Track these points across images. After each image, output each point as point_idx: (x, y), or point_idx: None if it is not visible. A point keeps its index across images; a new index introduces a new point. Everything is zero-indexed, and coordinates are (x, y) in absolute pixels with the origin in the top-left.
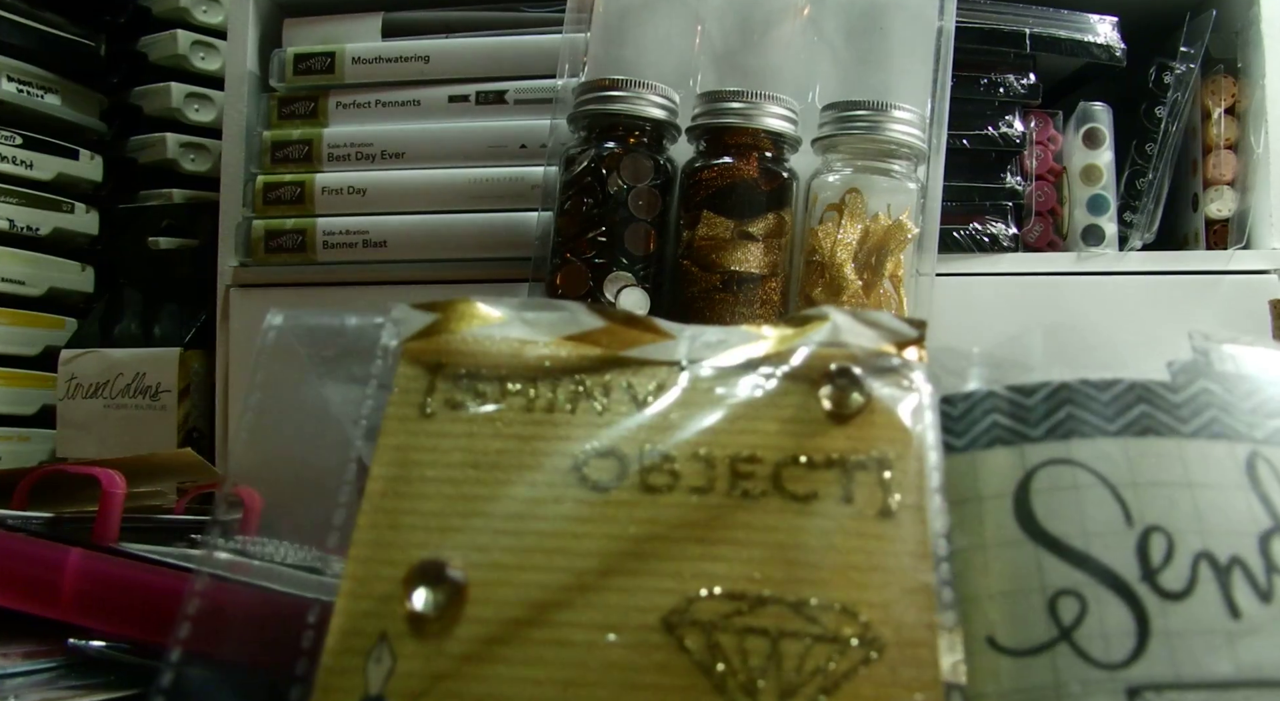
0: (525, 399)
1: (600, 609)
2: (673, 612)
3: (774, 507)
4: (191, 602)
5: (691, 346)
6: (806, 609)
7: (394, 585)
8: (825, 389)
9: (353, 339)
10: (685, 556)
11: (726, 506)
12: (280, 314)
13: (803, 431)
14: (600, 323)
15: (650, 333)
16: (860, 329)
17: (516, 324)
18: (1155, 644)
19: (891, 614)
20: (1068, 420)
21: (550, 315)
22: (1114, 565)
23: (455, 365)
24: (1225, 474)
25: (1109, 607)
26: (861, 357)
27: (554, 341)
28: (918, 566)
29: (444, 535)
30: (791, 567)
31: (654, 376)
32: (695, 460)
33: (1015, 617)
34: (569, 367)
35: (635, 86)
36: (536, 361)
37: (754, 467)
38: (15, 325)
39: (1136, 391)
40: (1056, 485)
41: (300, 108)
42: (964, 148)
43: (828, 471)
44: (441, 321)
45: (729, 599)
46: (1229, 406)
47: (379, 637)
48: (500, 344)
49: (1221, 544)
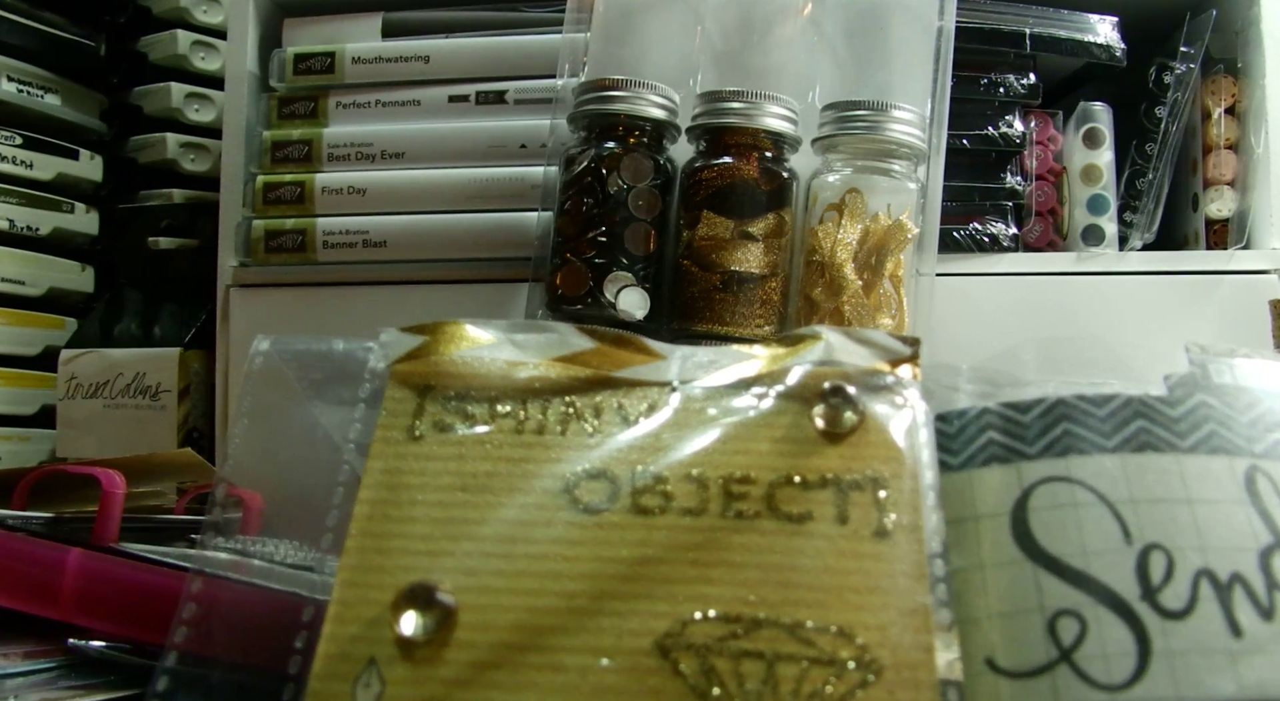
0: (515, 421)
1: (593, 633)
2: (666, 636)
3: (768, 529)
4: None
5: (683, 367)
6: (802, 631)
7: (382, 609)
8: (818, 408)
9: (340, 363)
10: (679, 579)
11: (720, 528)
12: (267, 339)
13: (796, 451)
14: (590, 344)
15: (641, 353)
16: (853, 347)
17: (505, 346)
18: (1156, 664)
19: (889, 636)
20: (1064, 437)
21: (540, 337)
22: (1113, 584)
23: (444, 387)
24: (1224, 489)
25: (1109, 628)
26: (855, 376)
27: (544, 363)
28: (914, 587)
29: (433, 558)
30: (787, 589)
31: (645, 397)
32: (688, 481)
33: (1014, 638)
34: (559, 389)
35: (635, 86)
36: (526, 383)
37: (747, 488)
38: (15, 325)
39: (1133, 406)
40: (1054, 503)
41: (300, 108)
42: (964, 148)
43: (822, 491)
44: (430, 344)
45: (724, 622)
46: (1227, 420)
47: (367, 662)
48: (489, 365)
49: (1222, 561)
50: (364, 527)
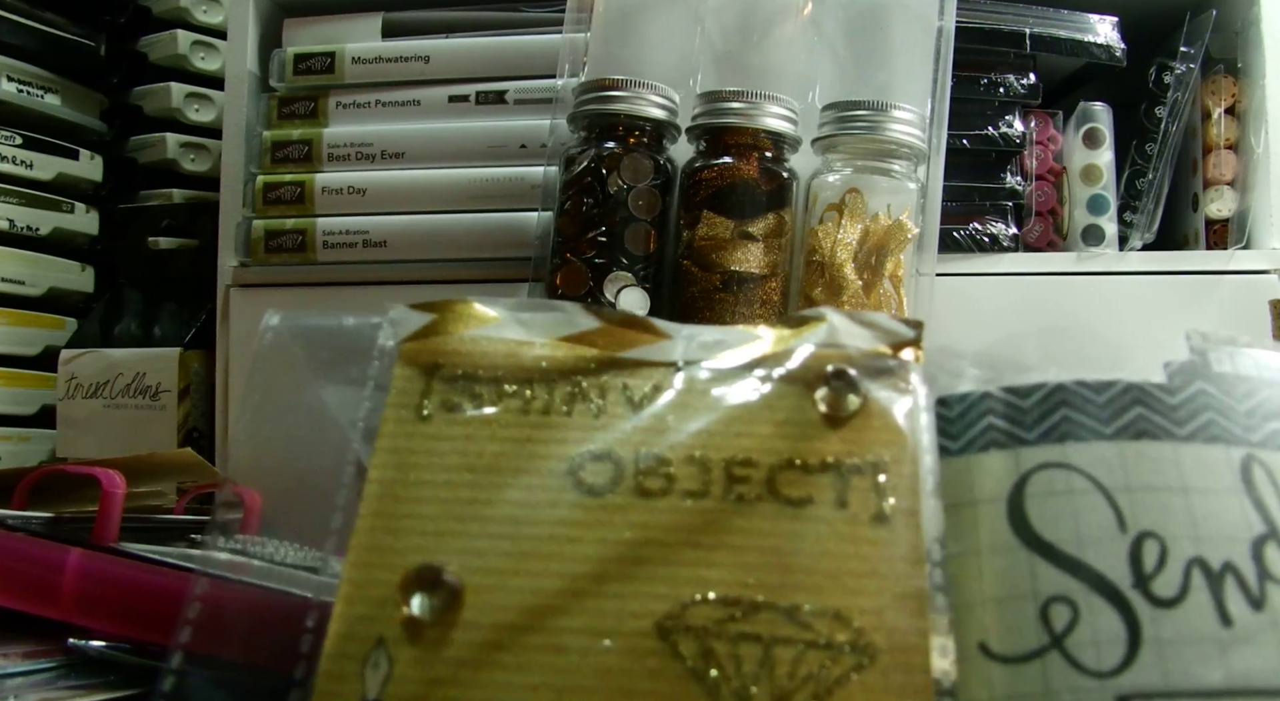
0: (521, 401)
1: (595, 614)
2: (666, 618)
3: (769, 512)
4: (192, 606)
5: (688, 347)
6: (800, 615)
7: (391, 590)
8: (821, 391)
9: (350, 340)
10: (679, 561)
11: (721, 511)
12: (277, 315)
13: (798, 434)
14: (596, 323)
15: (647, 333)
16: (856, 330)
17: (512, 325)
18: (1146, 652)
19: (884, 620)
20: (1063, 423)
21: (546, 316)
22: (1106, 572)
23: (451, 367)
24: (1220, 478)
25: (1100, 615)
26: (857, 359)
27: (550, 342)
28: (911, 572)
29: (440, 539)
30: (785, 573)
31: (650, 378)
32: (690, 463)
33: (1007, 624)
34: (565, 369)
35: (635, 86)
36: (533, 363)
37: (749, 472)
38: (15, 325)
39: (1132, 393)
40: (1050, 490)
41: (300, 108)
42: (964, 148)
43: (822, 475)
44: (438, 322)
45: (722, 604)
46: (1225, 409)
47: (376, 642)
48: (497, 345)
49: (1214, 550)
50: (374, 508)
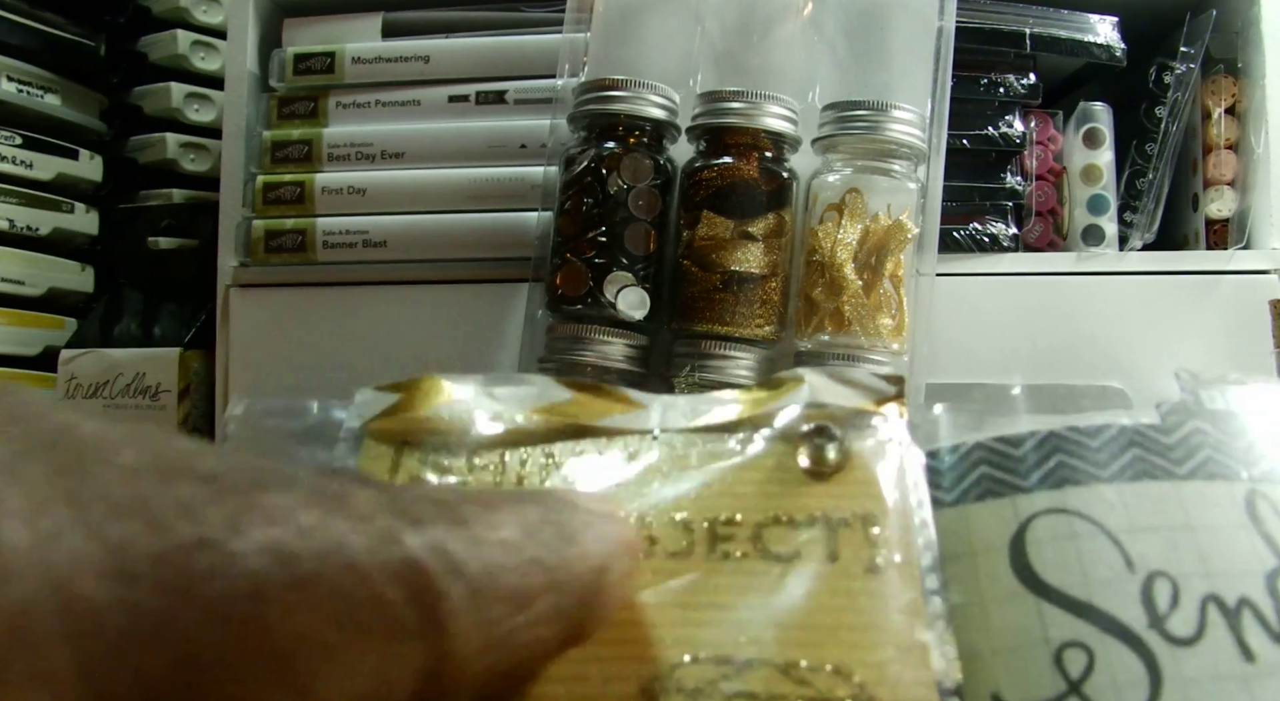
0: (492, 473)
1: (577, 680)
2: (653, 681)
3: (757, 569)
4: None
5: (664, 415)
6: (796, 671)
7: None
8: (803, 447)
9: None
10: (665, 623)
11: (707, 570)
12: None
13: (782, 491)
14: (569, 394)
15: (620, 403)
16: (836, 388)
17: (483, 398)
18: (1169, 692)
19: (887, 673)
20: (1059, 468)
21: (518, 389)
22: (1119, 613)
23: (421, 441)
24: (1225, 514)
25: (1118, 657)
26: (840, 416)
27: (523, 414)
28: (911, 623)
29: None
30: (778, 629)
31: (626, 446)
32: (672, 526)
33: (1020, 673)
34: (537, 439)
35: (635, 86)
36: (504, 434)
37: (733, 530)
38: (15, 325)
39: (1127, 435)
40: (1053, 535)
41: (300, 108)
42: (964, 148)
43: (810, 529)
44: (405, 400)
45: (713, 663)
46: (1222, 445)
47: None
48: (466, 419)
49: (1228, 586)
50: None
